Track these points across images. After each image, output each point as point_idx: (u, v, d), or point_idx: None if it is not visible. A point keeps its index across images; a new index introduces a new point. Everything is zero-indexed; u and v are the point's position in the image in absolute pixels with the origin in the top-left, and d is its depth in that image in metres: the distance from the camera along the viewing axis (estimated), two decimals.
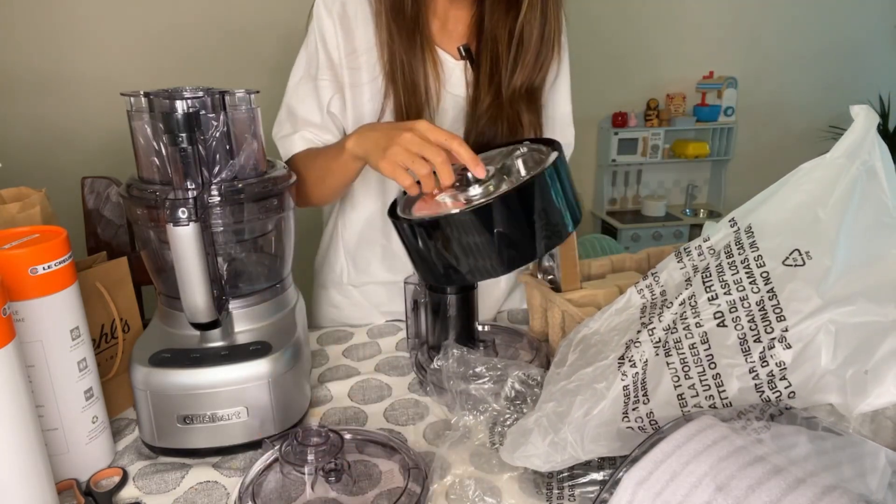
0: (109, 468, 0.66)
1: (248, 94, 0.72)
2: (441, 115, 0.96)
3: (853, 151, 0.58)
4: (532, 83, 0.95)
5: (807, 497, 0.38)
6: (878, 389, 0.48)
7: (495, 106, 0.94)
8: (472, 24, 0.97)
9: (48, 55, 2.41)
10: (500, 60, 0.94)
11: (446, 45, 0.96)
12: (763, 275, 0.58)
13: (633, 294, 0.70)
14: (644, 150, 3.21)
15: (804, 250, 0.57)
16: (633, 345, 0.62)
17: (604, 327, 0.70)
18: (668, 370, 0.58)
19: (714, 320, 0.59)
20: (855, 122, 0.59)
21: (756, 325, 0.55)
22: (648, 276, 0.70)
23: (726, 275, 0.60)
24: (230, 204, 0.69)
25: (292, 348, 0.70)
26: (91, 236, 1.55)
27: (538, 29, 0.91)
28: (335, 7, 0.94)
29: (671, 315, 0.62)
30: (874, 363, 0.49)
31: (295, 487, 0.61)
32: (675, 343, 0.59)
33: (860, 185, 0.57)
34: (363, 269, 1.08)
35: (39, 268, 0.57)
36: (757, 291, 0.57)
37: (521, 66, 0.92)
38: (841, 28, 3.38)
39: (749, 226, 0.62)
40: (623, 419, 0.56)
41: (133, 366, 0.67)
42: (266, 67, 2.49)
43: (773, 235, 0.60)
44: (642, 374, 0.59)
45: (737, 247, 0.62)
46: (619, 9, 3.10)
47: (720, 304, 0.59)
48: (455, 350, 0.74)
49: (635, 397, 0.57)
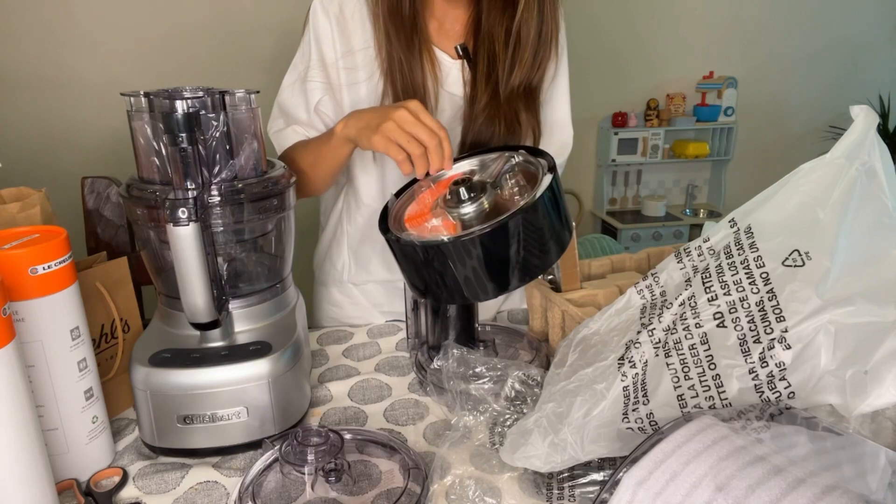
0: (109, 468, 0.66)
1: (248, 94, 0.72)
2: (439, 114, 0.96)
3: (853, 152, 0.58)
4: (530, 82, 0.95)
5: (807, 497, 0.38)
6: (878, 390, 0.48)
7: (492, 105, 0.94)
8: (470, 24, 0.97)
9: (48, 55, 2.41)
10: (496, 59, 0.94)
11: (444, 45, 0.96)
12: (763, 275, 0.58)
13: (633, 294, 0.70)
14: (644, 150, 3.21)
15: (804, 251, 0.57)
16: (633, 345, 0.62)
17: (603, 328, 0.70)
18: (668, 371, 0.58)
19: (714, 321, 0.59)
20: (855, 122, 0.59)
21: (756, 326, 0.55)
22: (648, 276, 0.70)
23: (726, 275, 0.60)
24: (230, 204, 0.69)
25: (292, 348, 0.70)
26: (91, 236, 1.55)
27: (535, 28, 0.91)
28: (332, 7, 0.94)
29: (671, 316, 0.62)
30: (874, 364, 0.49)
31: (295, 487, 0.61)
32: (675, 344, 0.59)
33: (860, 185, 0.57)
34: (364, 265, 1.08)
35: (39, 268, 0.57)
36: (757, 292, 0.57)
37: (519, 64, 0.92)
38: (841, 28, 3.38)
39: (749, 226, 0.62)
40: (623, 420, 0.56)
41: (133, 366, 0.67)
42: (266, 67, 2.49)
43: (772, 236, 0.60)
44: (642, 375, 0.59)
45: (736, 247, 0.62)
46: (620, 9, 3.10)
47: (720, 305, 0.59)
48: (455, 350, 0.74)
49: (635, 398, 0.57)
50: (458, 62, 0.96)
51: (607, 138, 3.19)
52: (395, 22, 0.90)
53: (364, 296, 1.10)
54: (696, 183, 3.49)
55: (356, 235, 1.07)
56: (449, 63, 0.96)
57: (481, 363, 0.72)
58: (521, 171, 0.74)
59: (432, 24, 0.96)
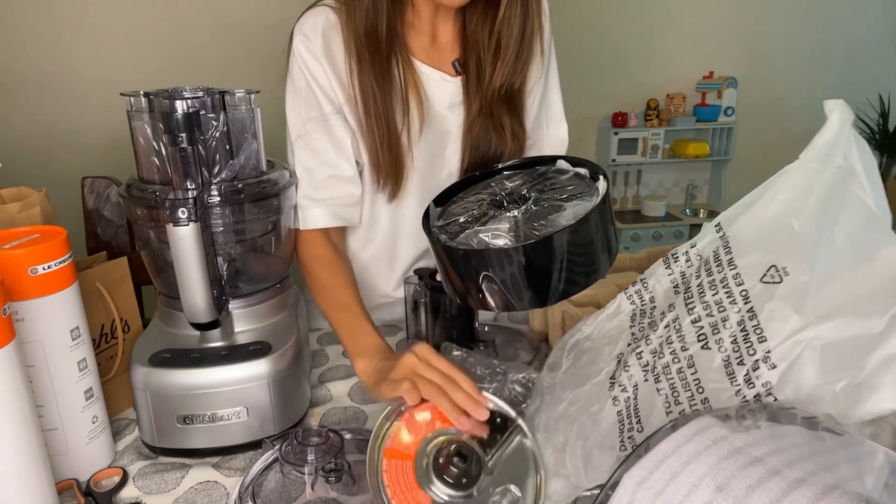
0: (109, 468, 0.66)
1: (247, 94, 0.72)
2: (429, 133, 0.92)
3: (827, 153, 0.54)
4: (511, 85, 0.92)
5: (807, 497, 0.38)
6: (874, 398, 0.47)
7: (483, 111, 0.91)
8: (460, 33, 0.94)
9: (48, 55, 2.41)
10: (482, 63, 0.91)
11: (438, 60, 0.93)
12: (742, 293, 0.56)
13: (623, 300, 0.69)
14: (644, 150, 3.21)
15: (781, 266, 0.54)
16: (623, 369, 0.61)
17: (596, 332, 0.69)
18: (659, 396, 0.56)
19: (698, 343, 0.57)
20: (828, 120, 0.54)
21: (739, 347, 0.53)
22: (637, 281, 0.68)
23: (707, 295, 0.58)
24: (230, 204, 0.69)
25: (292, 348, 0.70)
26: (91, 236, 1.55)
27: (518, 27, 0.88)
28: (317, 44, 0.87)
29: (657, 339, 0.60)
30: (867, 374, 0.47)
31: (295, 487, 0.61)
32: (664, 368, 0.58)
33: (838, 188, 0.53)
34: (367, 295, 1.06)
35: (39, 268, 0.57)
36: (738, 312, 0.55)
37: (501, 65, 0.89)
38: (841, 28, 3.38)
39: (728, 240, 0.60)
40: (620, 448, 0.55)
41: (133, 366, 0.67)
42: (266, 67, 2.48)
43: (750, 250, 0.57)
44: (634, 401, 0.58)
45: (716, 263, 0.59)
46: (620, 9, 3.10)
47: (703, 327, 0.57)
48: (455, 352, 0.74)
49: (629, 425, 0.56)
50: (457, 79, 0.93)
51: (607, 138, 3.19)
52: (370, 45, 0.85)
53: None
54: (696, 183, 3.49)
55: (361, 266, 1.03)
56: (440, 79, 0.92)
57: (481, 365, 0.72)
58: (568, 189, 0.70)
59: (423, 41, 0.92)
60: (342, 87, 0.88)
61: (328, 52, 0.87)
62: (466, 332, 0.84)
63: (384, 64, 0.86)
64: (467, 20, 0.92)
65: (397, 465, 0.57)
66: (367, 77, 0.85)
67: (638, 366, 0.60)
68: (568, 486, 0.56)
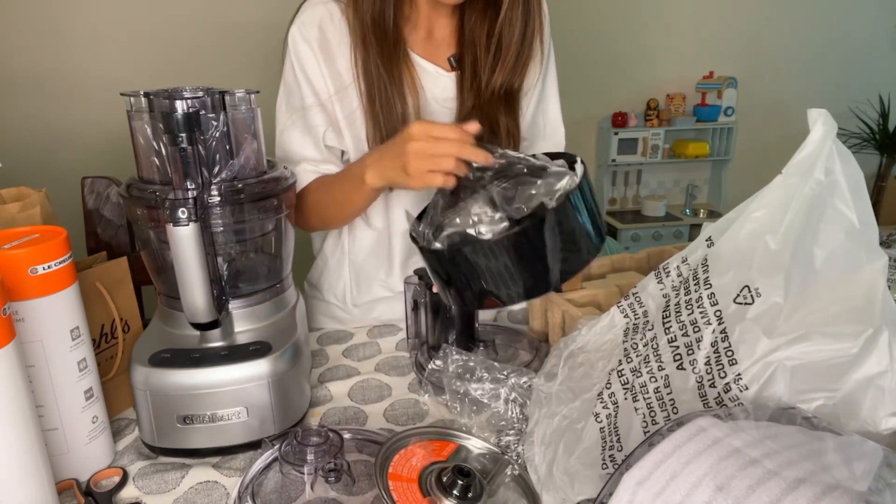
0: (109, 468, 0.66)
1: (248, 94, 0.72)
2: None
3: (807, 168, 0.52)
4: (511, 85, 0.93)
5: (807, 497, 0.38)
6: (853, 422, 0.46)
7: (476, 109, 0.92)
8: (457, 29, 0.95)
9: (48, 55, 2.41)
10: (479, 62, 0.92)
11: (434, 55, 0.94)
12: (717, 314, 0.54)
13: (616, 314, 0.69)
14: (644, 150, 3.21)
15: (753, 287, 0.53)
16: (605, 386, 0.60)
17: (590, 344, 0.69)
18: (637, 415, 0.56)
19: (674, 363, 0.56)
20: (811, 132, 0.52)
21: (711, 369, 0.53)
22: (630, 295, 0.68)
23: (683, 315, 0.57)
24: (230, 204, 0.69)
25: (292, 348, 0.70)
26: (91, 236, 1.55)
27: (519, 28, 0.88)
28: (313, 34, 0.89)
29: (637, 357, 0.60)
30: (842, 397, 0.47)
31: (295, 487, 0.61)
32: (641, 387, 0.57)
33: (818, 204, 0.51)
34: (366, 289, 1.08)
35: (39, 268, 0.57)
36: (712, 332, 0.54)
37: (501, 66, 0.90)
38: (841, 28, 3.38)
39: (705, 258, 0.59)
40: (602, 467, 0.55)
41: (133, 366, 0.67)
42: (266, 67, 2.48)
43: (725, 269, 0.56)
44: (614, 418, 0.58)
45: (693, 282, 0.58)
46: (620, 9, 3.10)
47: (678, 347, 0.56)
48: (455, 355, 0.74)
49: (611, 443, 0.56)
50: (452, 74, 0.94)
51: (607, 138, 3.19)
52: (377, 33, 0.87)
53: (364, 313, 1.09)
54: (696, 183, 3.49)
55: (358, 258, 1.05)
56: (435, 73, 0.93)
57: (481, 366, 0.72)
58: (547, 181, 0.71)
59: (419, 34, 0.93)
60: (334, 76, 0.90)
61: (323, 41, 0.89)
62: (466, 332, 0.84)
63: (391, 50, 0.88)
64: (466, 18, 0.92)
65: (402, 485, 0.59)
66: (374, 64, 0.87)
67: (619, 383, 0.60)
68: (558, 500, 0.56)
